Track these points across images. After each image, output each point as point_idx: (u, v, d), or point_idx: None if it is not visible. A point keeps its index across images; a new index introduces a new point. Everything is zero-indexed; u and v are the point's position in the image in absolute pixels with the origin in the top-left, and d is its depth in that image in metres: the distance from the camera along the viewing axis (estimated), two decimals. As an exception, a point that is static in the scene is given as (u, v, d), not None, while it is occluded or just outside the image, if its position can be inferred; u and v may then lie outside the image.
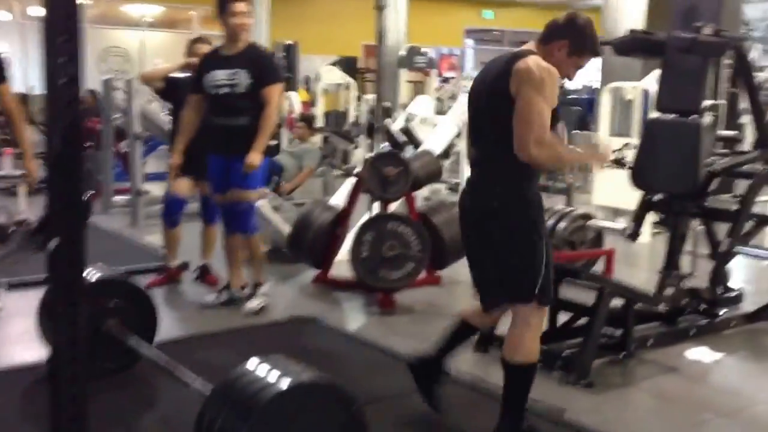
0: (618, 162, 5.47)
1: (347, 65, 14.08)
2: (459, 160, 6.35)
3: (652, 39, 4.13)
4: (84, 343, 1.79)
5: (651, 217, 4.82)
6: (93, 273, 3.33)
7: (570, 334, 3.86)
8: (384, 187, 4.72)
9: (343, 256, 4.89)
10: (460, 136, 6.31)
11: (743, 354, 3.99)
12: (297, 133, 8.64)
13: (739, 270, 5.39)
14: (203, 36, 4.95)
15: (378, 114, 5.14)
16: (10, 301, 4.36)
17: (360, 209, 5.14)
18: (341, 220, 5.05)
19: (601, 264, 5.28)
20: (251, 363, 2.17)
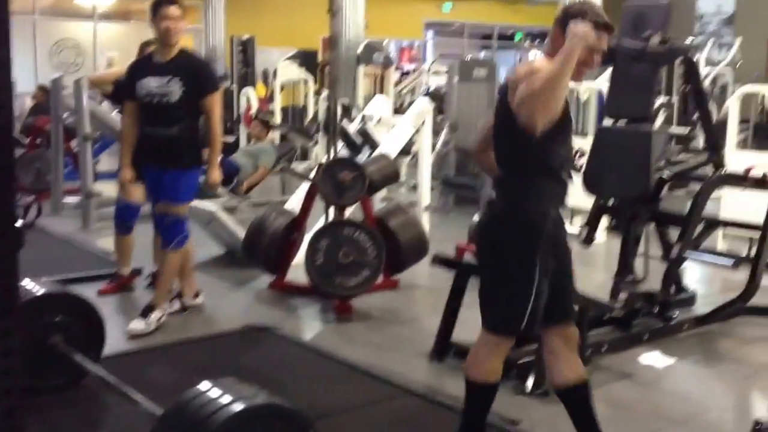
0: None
1: (306, 59, 13.91)
2: (418, 160, 6.31)
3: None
4: (18, 358, 1.71)
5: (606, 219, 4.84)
6: (37, 288, 3.25)
7: (524, 340, 3.86)
8: (339, 193, 4.66)
9: (300, 260, 4.83)
10: (418, 134, 6.27)
11: (696, 358, 4.03)
12: (253, 133, 8.53)
13: (692, 271, 5.45)
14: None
15: (333, 114, 5.05)
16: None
17: (317, 212, 5.08)
18: (297, 224, 4.99)
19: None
20: (203, 385, 2.13)
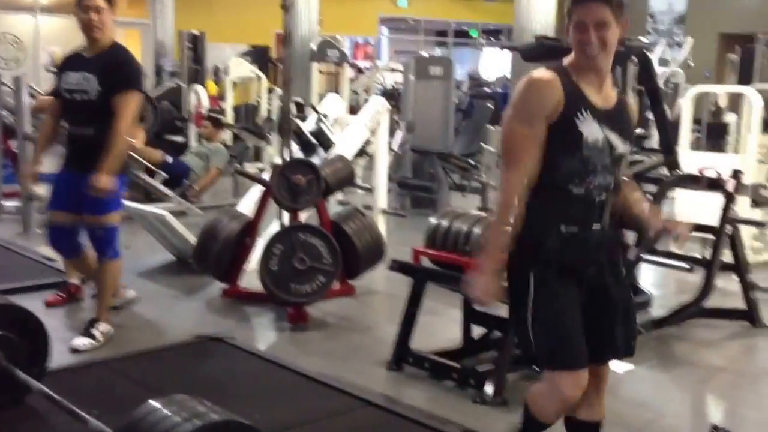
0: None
1: (258, 56, 13.74)
2: (372, 162, 6.22)
3: (557, 47, 4.15)
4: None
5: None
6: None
7: (484, 347, 3.83)
8: (294, 197, 4.56)
9: (254, 266, 4.71)
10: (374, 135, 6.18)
11: (652, 363, 4.03)
12: (204, 132, 8.35)
13: (648, 273, 5.49)
14: None
15: (287, 113, 4.93)
16: None
17: (270, 215, 4.97)
18: (250, 229, 4.87)
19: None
20: (155, 402, 2.08)
